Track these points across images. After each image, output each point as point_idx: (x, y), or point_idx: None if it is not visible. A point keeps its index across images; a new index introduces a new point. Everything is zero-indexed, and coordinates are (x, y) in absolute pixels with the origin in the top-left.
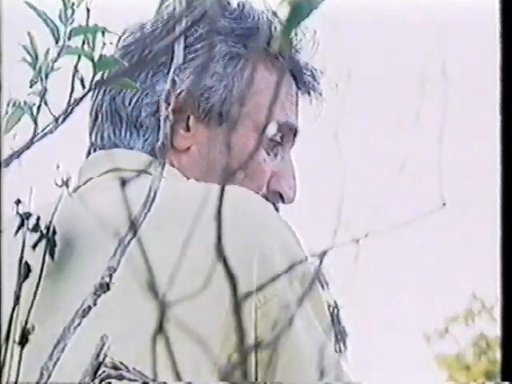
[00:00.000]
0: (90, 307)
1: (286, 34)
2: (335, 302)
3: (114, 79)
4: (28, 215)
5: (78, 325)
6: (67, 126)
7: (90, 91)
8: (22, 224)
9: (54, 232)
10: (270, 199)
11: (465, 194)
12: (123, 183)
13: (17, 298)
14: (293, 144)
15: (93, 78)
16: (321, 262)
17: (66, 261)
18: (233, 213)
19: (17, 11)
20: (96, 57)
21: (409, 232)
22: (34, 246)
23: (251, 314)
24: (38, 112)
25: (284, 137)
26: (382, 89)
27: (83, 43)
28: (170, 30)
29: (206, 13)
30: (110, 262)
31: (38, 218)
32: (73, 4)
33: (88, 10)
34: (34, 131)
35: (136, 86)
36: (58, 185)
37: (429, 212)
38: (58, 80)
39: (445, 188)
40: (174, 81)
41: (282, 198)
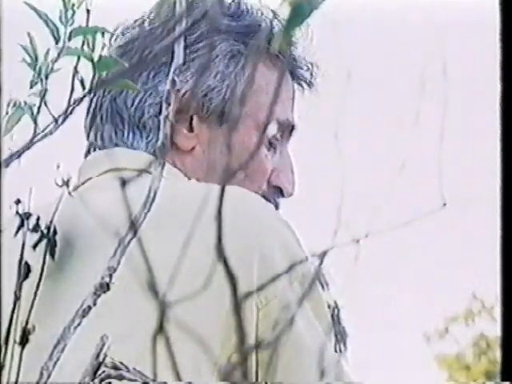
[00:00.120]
0: (89, 307)
1: (287, 34)
2: (335, 302)
3: (115, 80)
4: (28, 215)
5: (78, 325)
6: (67, 126)
7: (89, 92)
8: (22, 224)
9: (55, 232)
10: (270, 194)
11: (465, 194)
12: (123, 183)
13: (17, 298)
14: (289, 139)
15: (93, 79)
16: (321, 262)
17: (66, 261)
18: (233, 213)
19: (17, 12)
20: (96, 58)
21: (409, 232)
22: (35, 246)
23: (253, 315)
24: (38, 112)
25: (283, 134)
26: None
27: (83, 44)
28: (170, 30)
29: (207, 13)
30: (110, 261)
31: (38, 218)
32: (73, 5)
33: (88, 11)
34: (34, 131)
35: (137, 87)
36: (58, 185)
37: (429, 212)
38: (58, 81)
39: (445, 188)
40: (174, 81)
41: (281, 192)
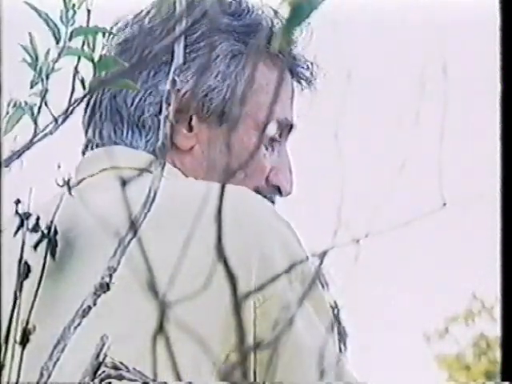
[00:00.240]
0: (89, 307)
1: (287, 34)
2: (335, 302)
3: (115, 80)
4: (28, 215)
5: (78, 325)
6: (67, 126)
7: (90, 92)
8: (22, 224)
9: (56, 232)
10: (269, 193)
11: (465, 194)
12: (124, 183)
13: (17, 298)
14: (287, 138)
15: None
16: (321, 262)
17: (66, 261)
18: (233, 212)
19: (17, 11)
20: (96, 58)
21: (409, 232)
22: (35, 246)
23: (250, 313)
24: (39, 112)
25: (281, 133)
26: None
27: (83, 44)
28: (170, 30)
29: (207, 12)
30: (110, 261)
31: (38, 218)
32: (74, 5)
33: (89, 11)
34: (35, 131)
35: (136, 86)
36: (59, 185)
37: (429, 212)
38: (59, 81)
39: (445, 188)
40: (175, 81)
41: (279, 191)
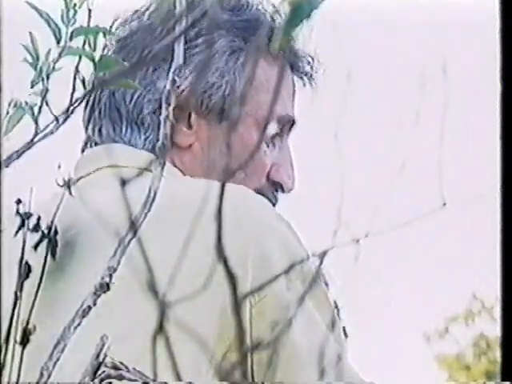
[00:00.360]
0: (89, 307)
1: (286, 34)
2: (335, 302)
3: (115, 79)
4: (28, 215)
5: (78, 325)
6: (68, 125)
7: (90, 92)
8: (23, 224)
9: (56, 232)
10: (270, 189)
11: (465, 194)
12: (123, 182)
13: (17, 298)
14: (289, 134)
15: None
16: (321, 262)
17: (66, 261)
18: (233, 212)
19: (18, 11)
20: (97, 57)
21: (409, 232)
22: (36, 247)
23: (246, 313)
24: (39, 112)
25: (282, 128)
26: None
27: (84, 44)
28: (169, 29)
29: (207, 12)
30: (110, 261)
31: (39, 218)
32: (74, 5)
33: (89, 11)
34: (35, 131)
35: (137, 86)
36: (59, 185)
37: (429, 212)
38: (60, 80)
39: (445, 188)
40: (175, 81)
41: (281, 187)
